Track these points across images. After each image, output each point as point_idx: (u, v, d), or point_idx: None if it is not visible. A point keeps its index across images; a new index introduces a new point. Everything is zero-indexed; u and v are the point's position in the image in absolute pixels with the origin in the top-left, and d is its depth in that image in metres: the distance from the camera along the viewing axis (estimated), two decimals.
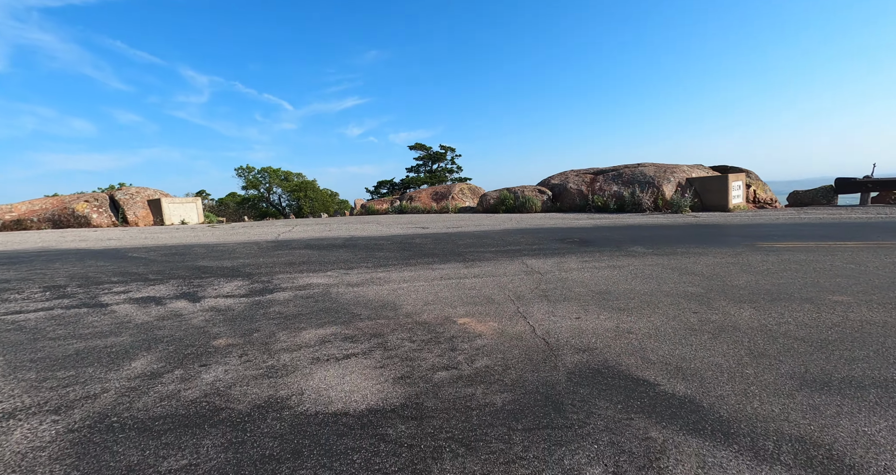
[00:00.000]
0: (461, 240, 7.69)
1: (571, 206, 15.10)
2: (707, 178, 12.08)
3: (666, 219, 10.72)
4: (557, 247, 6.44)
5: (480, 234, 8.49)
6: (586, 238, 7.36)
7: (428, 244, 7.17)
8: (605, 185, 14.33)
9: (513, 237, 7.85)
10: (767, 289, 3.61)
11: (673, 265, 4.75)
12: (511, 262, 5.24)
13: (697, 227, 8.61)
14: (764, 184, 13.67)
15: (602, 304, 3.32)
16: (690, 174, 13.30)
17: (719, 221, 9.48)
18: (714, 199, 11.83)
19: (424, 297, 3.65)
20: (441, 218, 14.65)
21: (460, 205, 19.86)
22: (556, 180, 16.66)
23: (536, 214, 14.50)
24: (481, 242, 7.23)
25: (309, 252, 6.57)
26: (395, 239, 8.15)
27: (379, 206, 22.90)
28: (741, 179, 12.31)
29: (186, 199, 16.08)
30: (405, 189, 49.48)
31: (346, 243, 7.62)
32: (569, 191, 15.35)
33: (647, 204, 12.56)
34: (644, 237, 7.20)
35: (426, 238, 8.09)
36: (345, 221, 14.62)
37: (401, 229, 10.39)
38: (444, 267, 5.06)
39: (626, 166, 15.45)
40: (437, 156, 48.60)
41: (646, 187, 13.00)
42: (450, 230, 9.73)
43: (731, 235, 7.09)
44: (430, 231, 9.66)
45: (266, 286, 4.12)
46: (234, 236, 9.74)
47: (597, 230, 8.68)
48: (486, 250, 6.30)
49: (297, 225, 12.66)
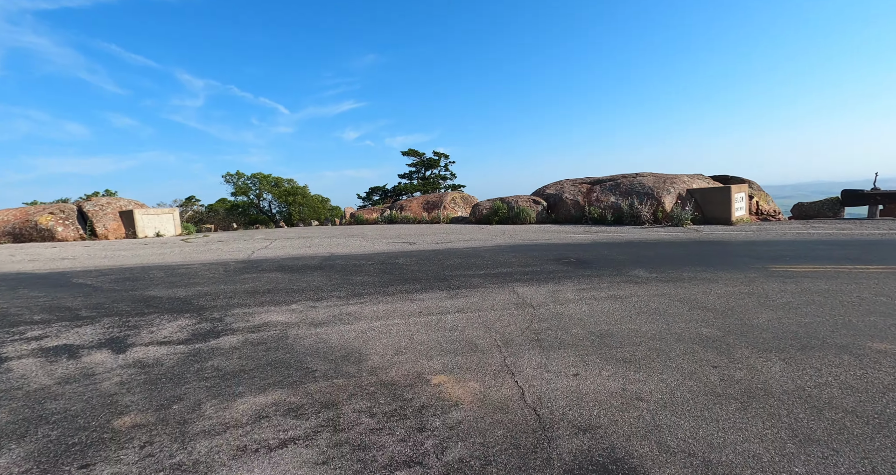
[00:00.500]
0: (448, 259, 7.23)
1: (567, 217, 14.75)
2: (708, 189, 11.78)
3: (667, 233, 10.36)
4: (552, 269, 6.01)
5: (469, 252, 8.05)
6: (584, 258, 6.94)
7: (412, 265, 6.70)
8: (603, 195, 14.01)
9: (504, 256, 7.41)
10: (794, 332, 3.19)
11: (681, 296, 4.32)
12: (501, 291, 4.79)
13: (702, 245, 8.25)
14: (766, 194, 13.43)
15: (604, 353, 2.88)
16: (691, 185, 13.02)
17: (724, 237, 9.14)
18: (716, 211, 11.53)
19: (397, 343, 3.18)
20: (431, 230, 14.21)
21: (452, 215, 19.44)
22: (551, 190, 16.32)
23: (531, 226, 14.12)
24: (470, 263, 6.78)
25: (279, 276, 6.07)
26: (378, 258, 7.68)
27: (368, 216, 22.40)
28: (744, 191, 12.04)
29: (162, 209, 15.47)
30: (398, 196, 49.04)
31: (324, 264, 7.13)
32: (564, 201, 15.01)
33: (646, 216, 12.23)
34: (646, 257, 6.81)
35: (411, 257, 7.63)
36: (329, 234, 14.12)
37: (386, 244, 9.92)
38: (425, 297, 4.60)
39: (623, 176, 15.15)
40: (431, 162, 48.30)
41: (644, 199, 12.69)
42: (438, 246, 9.29)
43: (740, 255, 6.72)
44: (416, 247, 9.21)
45: (214, 327, 3.62)
46: (205, 254, 9.20)
47: (595, 247, 8.28)
48: (475, 274, 5.85)
49: (278, 239, 12.13)
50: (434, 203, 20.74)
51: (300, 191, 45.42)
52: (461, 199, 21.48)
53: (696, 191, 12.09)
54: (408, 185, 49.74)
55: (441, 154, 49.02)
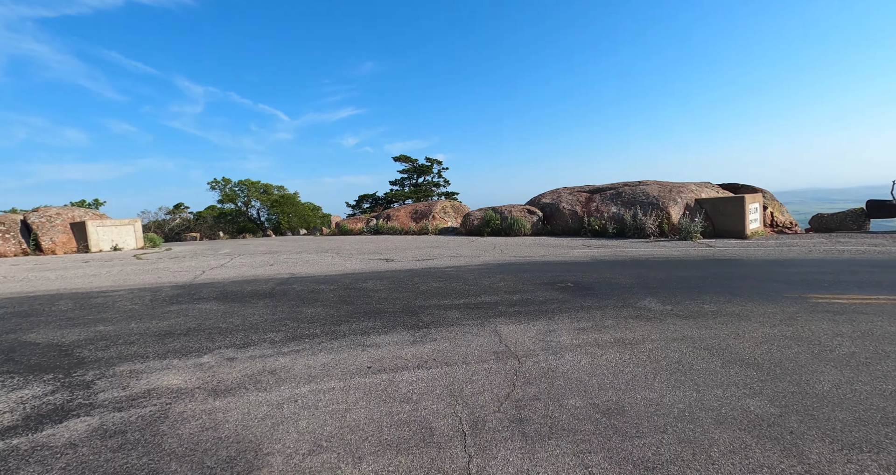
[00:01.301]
0: (425, 282, 6.36)
1: (564, 228, 13.95)
2: (720, 199, 11.03)
3: (675, 249, 9.57)
4: (545, 298, 5.15)
5: (452, 273, 7.18)
6: (583, 282, 6.10)
7: (380, 292, 5.82)
8: (603, 205, 13.24)
9: (491, 279, 6.55)
10: (881, 408, 2.34)
11: (708, 341, 3.47)
12: (480, 331, 3.92)
13: (718, 265, 7.44)
14: (780, 204, 12.74)
15: (614, 449, 2.01)
16: (700, 194, 12.28)
17: (741, 254, 8.35)
18: (728, 223, 10.77)
19: (320, 428, 2.30)
20: (416, 243, 13.34)
21: (441, 225, 18.60)
22: (547, 199, 15.56)
23: (525, 239, 13.30)
24: (449, 288, 5.91)
25: (214, 308, 5.16)
26: (344, 280, 6.79)
27: (353, 226, 21.50)
28: (758, 200, 11.31)
29: (122, 221, 14.50)
30: (389, 203, 48.25)
31: (276, 289, 6.23)
32: (561, 211, 14.23)
33: (651, 229, 11.45)
34: (656, 281, 5.98)
35: (382, 280, 6.75)
36: (303, 247, 13.22)
37: (359, 262, 9.04)
38: (382, 342, 3.72)
39: (625, 184, 14.41)
40: (423, 169, 47.60)
41: (649, 209, 11.92)
42: (418, 264, 8.42)
43: (767, 279, 5.91)
44: (392, 266, 8.33)
45: (71, 399, 2.70)
46: (145, 274, 8.26)
47: (595, 267, 7.45)
48: (452, 304, 4.98)
49: (242, 254, 11.19)
50: (423, 212, 19.90)
51: (289, 199, 44.93)
52: (452, 209, 20.67)
53: (706, 201, 11.35)
54: (399, 192, 48.98)
55: (434, 160, 48.44)
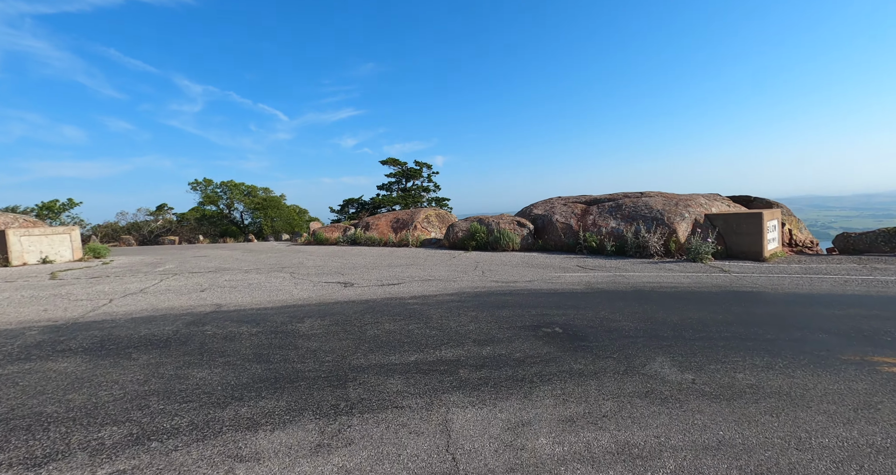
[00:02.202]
0: (377, 324, 5.19)
1: (557, 243, 12.86)
2: (734, 215, 9.99)
3: (684, 273, 8.49)
4: (524, 354, 4.01)
5: (415, 308, 6.02)
6: (574, 325, 4.97)
7: (313, 339, 4.64)
8: (601, 218, 12.17)
9: (460, 318, 5.40)
10: None
11: (759, 455, 2.33)
12: (422, 424, 2.77)
13: (741, 300, 6.36)
14: (798, 220, 11.77)
15: None
16: (710, 208, 11.25)
17: (765, 285, 7.28)
18: (743, 243, 9.74)
19: None
20: (390, 258, 12.17)
21: (423, 236, 17.42)
22: (539, 210, 14.48)
23: (513, 255, 12.19)
24: (404, 334, 4.75)
25: (70, 369, 3.93)
26: (276, 319, 5.58)
27: (329, 234, 20.24)
28: (777, 217, 10.30)
29: (55, 229, 13.14)
30: (376, 209, 47.06)
31: (181, 332, 5.01)
32: (554, 224, 13.14)
33: (655, 247, 10.39)
34: (667, 327, 4.86)
35: (325, 318, 5.55)
36: (256, 264, 11.98)
37: (310, 287, 7.83)
38: (269, 447, 2.54)
39: (626, 195, 13.37)
40: (412, 173, 46.49)
41: (652, 225, 10.87)
42: (380, 291, 7.24)
43: (810, 327, 4.81)
44: (347, 294, 7.15)
45: None
46: (35, 303, 6.98)
47: (591, 299, 6.33)
48: (399, 364, 3.82)
49: (178, 274, 9.89)
50: (404, 222, 18.71)
51: (274, 201, 44.35)
52: (436, 218, 19.51)
53: (718, 216, 10.32)
54: (387, 197, 47.87)
55: (423, 164, 47.47)
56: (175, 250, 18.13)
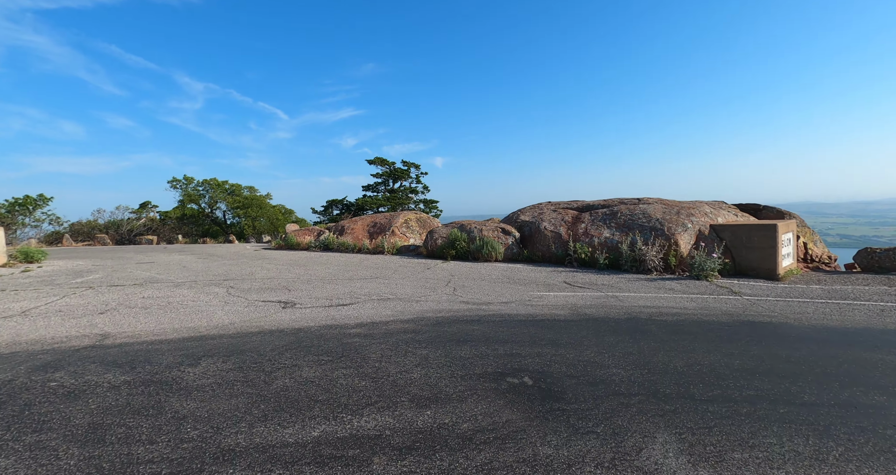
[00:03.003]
0: (294, 369, 4.06)
1: (545, 254, 11.79)
2: (744, 226, 8.97)
3: (688, 295, 7.46)
4: (476, 424, 2.91)
5: (355, 343, 4.90)
6: (551, 374, 3.88)
7: (189, 401, 3.50)
8: (593, 227, 11.13)
9: (407, 359, 4.29)
10: None
11: None
12: None
13: (760, 335, 5.32)
14: (813, 232, 10.82)
15: None
16: (715, 218, 10.24)
17: (785, 314, 6.26)
18: (754, 258, 8.73)
19: None
20: (357, 268, 11.04)
21: (401, 243, 16.28)
22: (526, 216, 13.42)
23: (495, 267, 11.11)
24: (322, 385, 3.63)
25: None
26: (162, 361, 4.43)
27: (301, 238, 19.04)
28: (792, 229, 9.32)
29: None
30: (360, 210, 45.85)
31: (4, 388, 3.84)
32: (542, 233, 12.08)
33: (653, 261, 9.35)
34: (669, 377, 3.78)
35: (227, 360, 4.42)
36: (195, 275, 10.80)
37: (241, 309, 6.69)
38: None
39: (621, 201, 12.34)
40: (399, 173, 45.26)
41: (650, 235, 9.84)
42: (323, 315, 6.12)
43: (860, 382, 3.76)
44: (279, 320, 6.01)
45: None
46: None
47: (575, 332, 5.25)
48: (291, 444, 2.69)
49: (91, 288, 8.64)
50: (382, 226, 17.57)
51: (257, 201, 43.50)
52: (417, 222, 18.39)
53: (726, 228, 9.31)
54: (373, 198, 46.67)
55: (411, 164, 46.40)
56: (129, 253, 16.82)
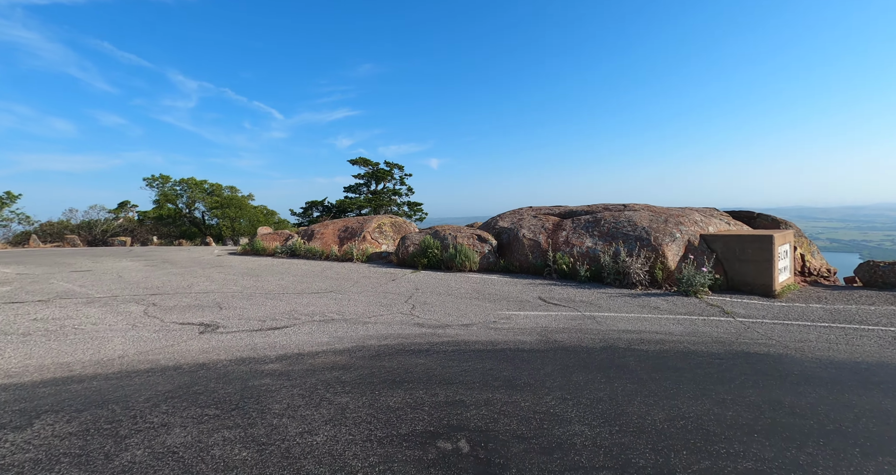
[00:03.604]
0: (155, 432, 3.18)
1: (523, 264, 11.02)
2: (737, 237, 8.27)
3: (674, 316, 6.73)
4: None
5: (256, 390, 4.04)
6: (495, 432, 3.06)
7: None
8: (574, 236, 10.38)
9: (317, 412, 3.44)
10: None
11: None
12: None
13: (758, 374, 4.59)
14: (810, 242, 10.21)
15: None
16: (706, 227, 9.55)
17: (786, 343, 5.53)
18: (748, 272, 8.05)
19: None
20: (316, 279, 10.16)
21: (372, 249, 15.39)
22: (505, 222, 12.64)
23: (467, 278, 10.32)
24: (188, 459, 2.76)
25: None
26: None
27: (269, 244, 18.04)
28: (789, 240, 8.66)
29: None
30: (341, 213, 44.81)
31: None
32: (521, 241, 11.30)
33: (637, 275, 8.62)
34: (647, 439, 2.98)
35: (75, 417, 3.52)
36: (132, 284, 9.85)
37: (143, 335, 5.77)
38: None
39: (606, 208, 11.62)
40: (381, 174, 44.23)
41: (636, 246, 9.11)
42: (238, 345, 5.24)
43: (884, 441, 3.00)
44: (183, 352, 5.12)
45: None
46: None
47: (539, 367, 4.45)
48: None
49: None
50: (353, 231, 16.65)
51: (236, 201, 42.47)
52: (392, 227, 17.51)
53: (717, 238, 8.61)
54: (354, 200, 45.66)
55: (394, 164, 45.50)
56: (79, 257, 15.65)
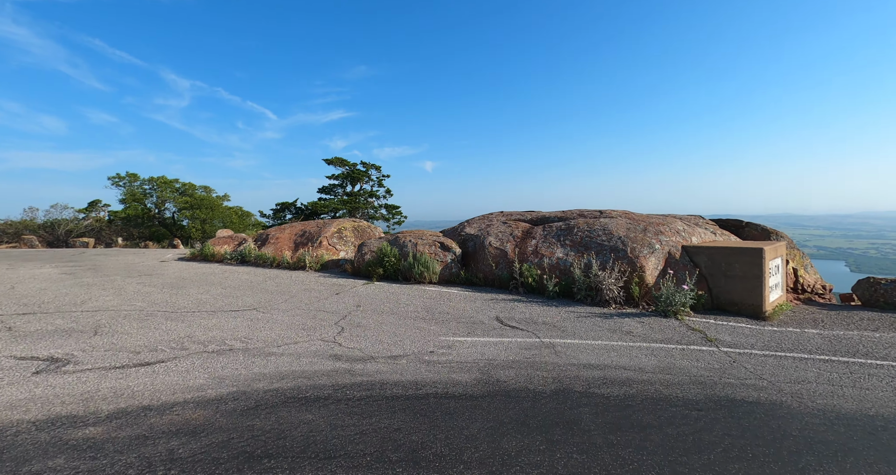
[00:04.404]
0: None
1: (487, 276, 10.09)
2: (723, 249, 7.47)
3: (648, 344, 5.86)
4: None
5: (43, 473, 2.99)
6: None
7: None
8: (545, 245, 9.50)
9: None
10: None
11: None
12: None
13: (742, 429, 3.71)
14: (803, 254, 9.51)
15: None
16: (689, 238, 8.74)
17: (778, 381, 4.67)
18: (735, 290, 7.24)
19: None
20: (249, 291, 9.06)
21: (328, 256, 14.29)
22: (472, 228, 11.71)
23: (426, 290, 9.35)
24: None
25: None
26: None
27: (219, 248, 16.76)
28: (780, 253, 7.88)
29: None
30: (313, 215, 43.41)
31: None
32: (486, 250, 10.38)
33: (611, 291, 7.75)
34: None
35: None
36: (4, 299, 8.69)
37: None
38: None
39: (581, 214, 10.76)
40: (356, 175, 42.90)
41: (610, 258, 8.26)
42: (65, 393, 4.18)
43: None
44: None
45: None
46: None
47: (465, 423, 3.49)
48: None
49: None
50: (311, 236, 15.53)
51: (208, 202, 40.91)
52: (353, 232, 16.42)
53: (701, 250, 7.79)
54: (329, 202, 44.31)
55: (371, 165, 44.29)
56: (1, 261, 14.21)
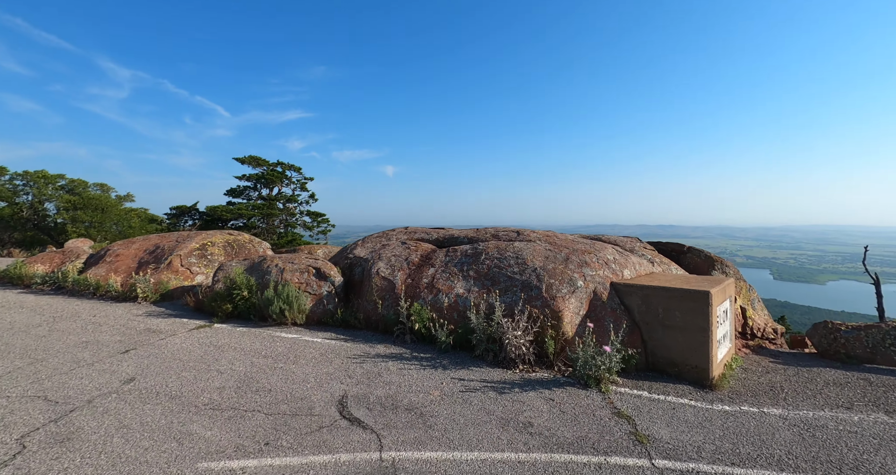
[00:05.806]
0: None
1: (370, 316, 8.08)
2: (661, 290, 5.89)
3: (549, 455, 4.09)
4: None
5: None
6: None
7: None
8: (444, 276, 7.65)
9: None
10: None
11: None
12: None
13: None
14: (749, 287, 8.37)
15: None
16: (621, 270, 7.21)
17: None
18: (675, 346, 5.76)
19: None
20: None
21: (178, 282, 11.60)
22: (363, 250, 9.66)
23: (278, 337, 7.18)
24: None
25: None
26: None
27: (33, 269, 13.38)
28: (730, 293, 6.49)
29: None
30: (219, 221, 39.26)
31: None
32: (373, 281, 8.38)
33: (519, 349, 6.00)
34: None
35: None
36: None
37: None
38: None
39: (495, 235, 9.05)
40: (272, 176, 39.31)
41: (519, 298, 6.55)
42: None
43: None
44: None
45: None
46: None
47: None
48: None
49: None
50: (162, 253, 12.70)
51: (97, 202, 36.14)
52: (225, 248, 13.74)
53: (634, 290, 6.25)
54: (241, 206, 40.29)
55: (289, 166, 41.01)
56: None
